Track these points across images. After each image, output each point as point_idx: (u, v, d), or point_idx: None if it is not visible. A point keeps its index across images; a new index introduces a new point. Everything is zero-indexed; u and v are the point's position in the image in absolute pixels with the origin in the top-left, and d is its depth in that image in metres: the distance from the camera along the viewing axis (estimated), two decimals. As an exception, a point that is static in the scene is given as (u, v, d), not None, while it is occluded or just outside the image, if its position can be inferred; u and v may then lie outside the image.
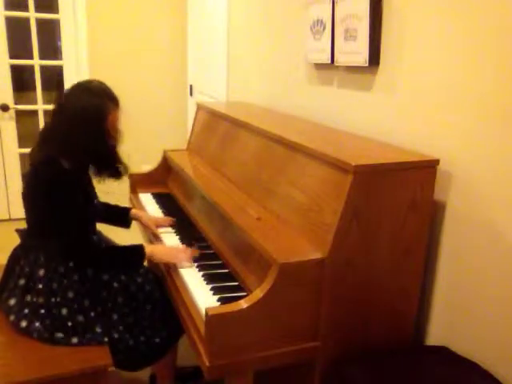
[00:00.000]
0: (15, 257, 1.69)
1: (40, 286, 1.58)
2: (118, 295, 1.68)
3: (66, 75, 3.81)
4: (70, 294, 1.59)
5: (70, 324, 1.56)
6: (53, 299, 1.57)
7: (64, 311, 1.57)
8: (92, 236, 1.77)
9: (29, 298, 1.59)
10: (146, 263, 1.71)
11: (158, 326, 1.72)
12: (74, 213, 1.60)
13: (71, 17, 3.70)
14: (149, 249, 1.68)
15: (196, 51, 3.87)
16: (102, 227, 1.90)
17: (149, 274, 1.82)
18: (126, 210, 2.06)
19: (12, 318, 1.60)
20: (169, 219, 2.04)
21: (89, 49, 3.75)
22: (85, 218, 1.68)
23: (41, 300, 1.57)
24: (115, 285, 1.69)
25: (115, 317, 1.64)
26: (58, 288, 1.59)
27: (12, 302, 1.61)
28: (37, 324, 1.56)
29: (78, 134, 1.58)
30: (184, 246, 1.78)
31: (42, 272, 1.60)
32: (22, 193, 1.66)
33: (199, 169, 2.19)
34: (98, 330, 1.59)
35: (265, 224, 1.52)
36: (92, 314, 1.61)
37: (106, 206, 2.01)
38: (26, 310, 1.58)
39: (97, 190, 1.83)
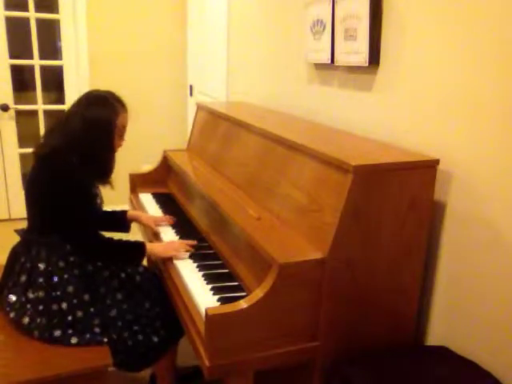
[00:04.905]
0: (15, 255, 1.70)
1: (40, 280, 1.60)
2: (117, 292, 1.70)
3: (66, 75, 3.81)
4: (70, 289, 1.60)
5: (69, 318, 1.57)
6: (53, 293, 1.59)
7: (64, 305, 1.58)
8: (97, 226, 1.79)
9: (30, 293, 1.60)
10: (145, 263, 1.72)
11: (157, 324, 1.73)
12: (83, 200, 1.66)
13: (71, 17, 3.70)
14: (148, 247, 1.74)
15: (196, 51, 3.87)
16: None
17: (148, 273, 1.85)
18: (123, 214, 2.04)
19: (12, 315, 1.60)
20: (168, 217, 2.04)
21: (89, 49, 3.75)
22: (92, 207, 1.73)
23: (41, 294, 1.59)
24: (114, 282, 1.71)
25: (114, 313, 1.66)
26: (59, 282, 1.60)
27: (13, 298, 1.62)
28: (38, 320, 1.56)
29: (89, 130, 1.66)
30: (180, 240, 1.84)
31: (42, 266, 1.61)
32: (26, 186, 1.70)
33: (199, 169, 2.19)
34: (97, 330, 1.60)
35: (265, 224, 1.52)
36: (91, 309, 1.62)
37: (103, 212, 1.96)
38: (28, 306, 1.59)
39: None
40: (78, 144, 1.65)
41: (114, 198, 2.23)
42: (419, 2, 1.52)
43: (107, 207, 1.95)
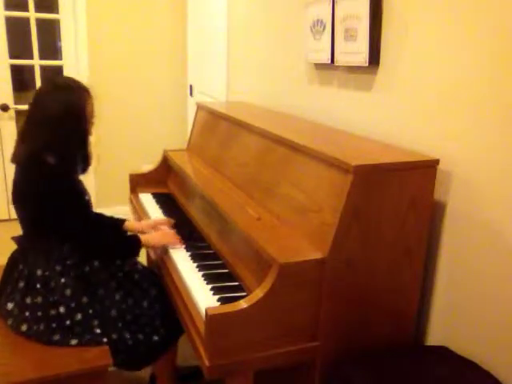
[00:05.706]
0: (13, 261, 1.69)
1: (38, 286, 1.59)
2: (116, 292, 1.69)
3: (66, 75, 3.81)
4: (68, 292, 1.60)
5: (68, 323, 1.57)
6: (51, 298, 1.58)
7: (62, 309, 1.57)
8: (91, 222, 1.77)
9: (28, 300, 1.59)
10: (145, 263, 1.72)
11: (157, 323, 1.72)
12: (73, 198, 1.65)
13: (71, 17, 3.69)
14: (143, 238, 1.76)
15: (196, 51, 3.86)
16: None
17: (146, 271, 1.84)
18: (120, 223, 1.95)
19: (10, 321, 1.60)
20: (167, 221, 1.99)
21: (89, 49, 3.75)
22: (83, 204, 1.71)
23: (39, 299, 1.58)
24: (113, 283, 1.70)
25: (114, 313, 1.65)
26: (56, 286, 1.59)
27: (10, 306, 1.61)
28: (35, 327, 1.56)
29: (63, 126, 1.62)
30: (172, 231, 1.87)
31: (39, 272, 1.60)
32: (13, 197, 1.66)
33: (199, 169, 2.19)
34: (97, 330, 1.59)
35: (265, 224, 1.52)
36: (90, 311, 1.61)
37: (100, 216, 1.93)
38: (27, 313, 1.58)
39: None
40: (54, 140, 1.60)
41: (114, 198, 2.23)
42: (419, 2, 1.52)
43: (107, 207, 1.95)
